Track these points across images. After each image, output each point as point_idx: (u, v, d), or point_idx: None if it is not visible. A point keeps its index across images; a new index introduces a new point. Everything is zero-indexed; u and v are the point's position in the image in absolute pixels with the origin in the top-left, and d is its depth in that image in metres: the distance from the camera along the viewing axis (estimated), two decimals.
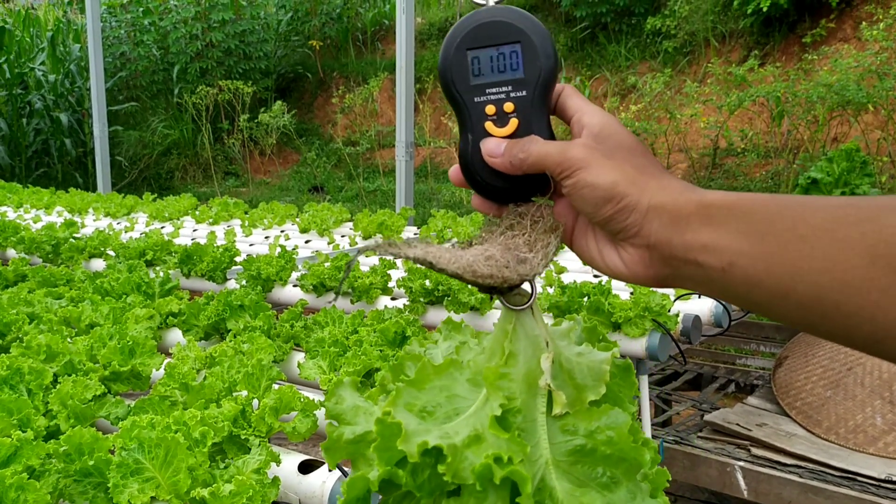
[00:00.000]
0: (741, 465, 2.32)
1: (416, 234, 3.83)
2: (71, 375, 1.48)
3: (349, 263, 0.56)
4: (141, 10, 11.17)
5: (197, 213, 4.59)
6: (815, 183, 3.15)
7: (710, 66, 7.51)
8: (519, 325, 0.58)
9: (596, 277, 2.51)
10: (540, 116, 0.64)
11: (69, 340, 1.73)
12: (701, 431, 2.58)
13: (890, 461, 2.28)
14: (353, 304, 2.41)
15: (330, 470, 1.24)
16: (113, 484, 1.00)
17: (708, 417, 2.62)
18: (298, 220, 4.02)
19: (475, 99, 0.64)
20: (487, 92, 0.64)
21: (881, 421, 2.40)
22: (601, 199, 0.59)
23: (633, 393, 0.58)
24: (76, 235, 3.41)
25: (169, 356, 1.79)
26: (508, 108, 0.63)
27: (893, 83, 5.73)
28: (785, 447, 2.36)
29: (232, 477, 1.09)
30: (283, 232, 4.00)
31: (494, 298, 0.60)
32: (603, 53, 9.45)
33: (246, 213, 4.48)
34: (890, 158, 6.08)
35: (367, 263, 2.93)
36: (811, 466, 2.28)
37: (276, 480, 1.16)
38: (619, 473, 0.51)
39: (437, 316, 2.28)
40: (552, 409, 0.54)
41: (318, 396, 1.58)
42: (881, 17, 6.52)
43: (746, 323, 3.47)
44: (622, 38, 9.40)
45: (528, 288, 0.60)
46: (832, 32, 7.62)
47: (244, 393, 1.46)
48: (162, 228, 4.10)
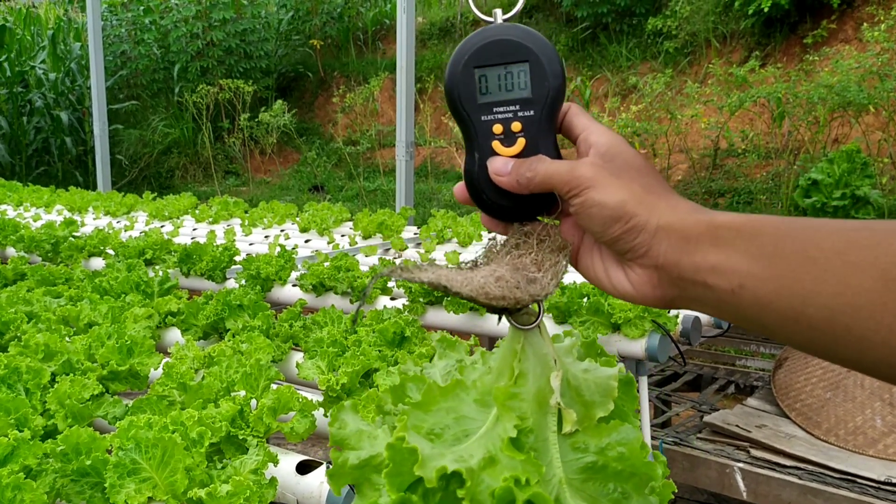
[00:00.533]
0: (740, 466, 2.32)
1: (415, 233, 3.83)
2: (69, 375, 1.48)
3: (364, 291, 0.56)
4: (142, 8, 11.18)
5: (197, 212, 4.59)
6: (815, 184, 3.14)
7: (710, 66, 7.51)
8: (528, 344, 0.58)
9: None
10: (547, 136, 0.63)
11: (67, 339, 1.72)
12: (700, 433, 2.58)
13: (889, 463, 2.28)
14: (352, 303, 2.41)
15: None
16: (110, 484, 1.00)
17: (707, 419, 2.61)
18: (298, 219, 4.01)
19: (482, 117, 0.63)
20: (495, 111, 0.63)
21: (881, 423, 2.40)
22: (610, 218, 0.59)
23: (635, 406, 0.58)
24: (76, 234, 3.41)
25: (167, 356, 1.78)
26: (516, 127, 0.63)
27: (894, 84, 5.72)
28: (784, 449, 2.35)
29: (229, 477, 1.09)
30: (283, 231, 4.00)
31: (501, 316, 0.59)
32: (604, 54, 9.45)
33: (246, 212, 4.47)
34: (891, 160, 6.08)
35: (366, 263, 2.93)
36: (811, 468, 2.28)
37: (273, 481, 1.15)
38: (629, 488, 0.51)
39: (436, 316, 2.28)
40: (562, 427, 0.54)
41: (316, 397, 1.57)
42: (882, 18, 6.52)
43: None
44: (623, 38, 9.40)
45: (535, 306, 0.59)
46: (833, 33, 7.62)
47: (242, 393, 1.46)
48: (162, 227, 4.09)
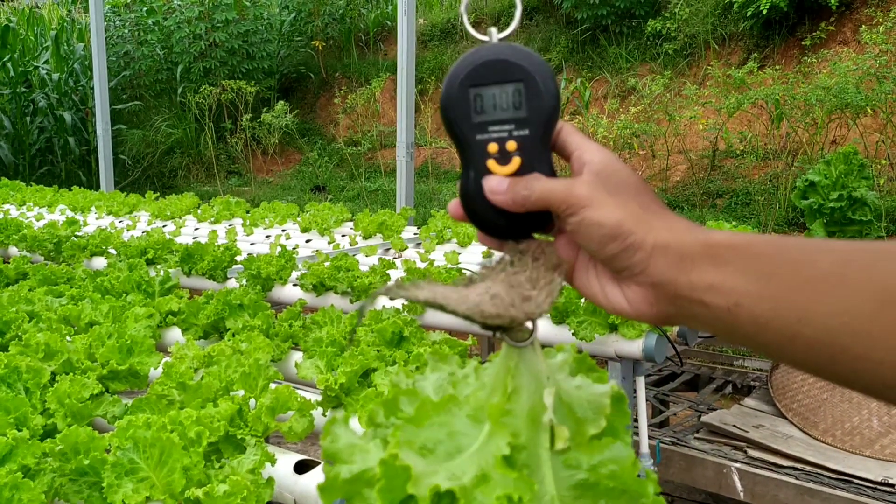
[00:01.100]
0: (738, 466, 2.33)
1: (415, 234, 3.84)
2: (69, 374, 1.49)
3: (362, 309, 0.56)
4: (145, 9, 11.21)
5: (199, 211, 4.60)
6: (812, 185, 3.15)
7: (709, 68, 7.52)
8: (521, 360, 0.58)
9: None
10: (542, 154, 0.64)
11: (68, 339, 1.74)
12: (698, 433, 2.59)
13: (886, 463, 2.29)
14: (351, 303, 2.42)
15: None
16: (107, 484, 1.01)
17: (705, 419, 2.62)
18: (299, 219, 4.03)
19: (477, 136, 0.64)
20: (490, 130, 0.63)
21: (877, 423, 2.41)
22: (607, 236, 0.59)
23: (626, 422, 0.58)
24: (78, 234, 3.42)
25: (168, 355, 1.79)
26: (511, 146, 0.63)
27: (892, 86, 5.73)
28: (781, 449, 2.36)
29: (226, 477, 1.10)
30: (284, 231, 4.01)
31: (496, 334, 0.60)
32: (603, 55, 9.46)
33: (247, 212, 4.49)
34: (888, 161, 6.08)
35: (366, 263, 2.94)
36: (807, 468, 2.29)
37: (270, 481, 1.17)
38: None
39: (435, 316, 2.28)
40: (554, 443, 0.54)
41: (315, 396, 1.58)
42: (881, 20, 6.52)
43: None
44: (623, 40, 9.41)
45: (529, 324, 0.59)
46: (832, 35, 7.62)
47: (241, 392, 1.47)
48: (164, 227, 4.11)
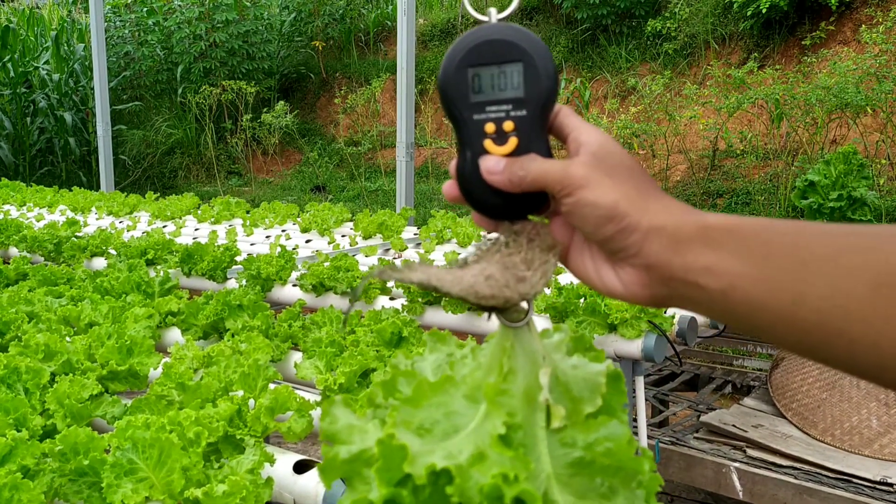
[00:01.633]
0: (737, 466, 2.33)
1: (415, 234, 3.85)
2: (68, 374, 1.49)
3: (355, 292, 0.57)
4: (145, 10, 11.21)
5: (199, 212, 4.60)
6: (812, 185, 3.15)
7: (709, 68, 7.52)
8: (517, 340, 0.58)
9: None
10: (539, 135, 0.64)
11: (68, 339, 1.74)
12: (697, 432, 2.59)
13: (885, 463, 2.29)
14: (351, 304, 2.42)
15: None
16: (107, 484, 1.01)
17: (704, 418, 2.62)
18: (300, 219, 4.03)
19: (474, 116, 0.64)
20: (487, 110, 0.63)
21: (876, 423, 2.41)
22: (602, 218, 0.59)
23: (623, 401, 0.58)
24: (78, 234, 3.43)
25: (168, 355, 1.80)
26: (508, 126, 0.63)
27: (892, 86, 5.73)
28: (781, 448, 2.37)
29: (226, 477, 1.10)
30: (284, 231, 4.01)
31: (491, 315, 0.60)
32: (603, 55, 9.46)
33: (247, 212, 4.49)
34: (888, 161, 6.08)
35: (366, 263, 2.95)
36: (806, 468, 2.29)
37: (269, 481, 1.17)
38: (616, 482, 0.51)
39: (435, 316, 2.29)
40: (550, 422, 0.54)
41: (314, 396, 1.59)
42: (881, 19, 6.53)
43: None
44: (623, 40, 9.41)
45: (524, 304, 0.60)
46: (832, 35, 7.62)
47: (240, 393, 1.47)
48: (164, 227, 4.11)
